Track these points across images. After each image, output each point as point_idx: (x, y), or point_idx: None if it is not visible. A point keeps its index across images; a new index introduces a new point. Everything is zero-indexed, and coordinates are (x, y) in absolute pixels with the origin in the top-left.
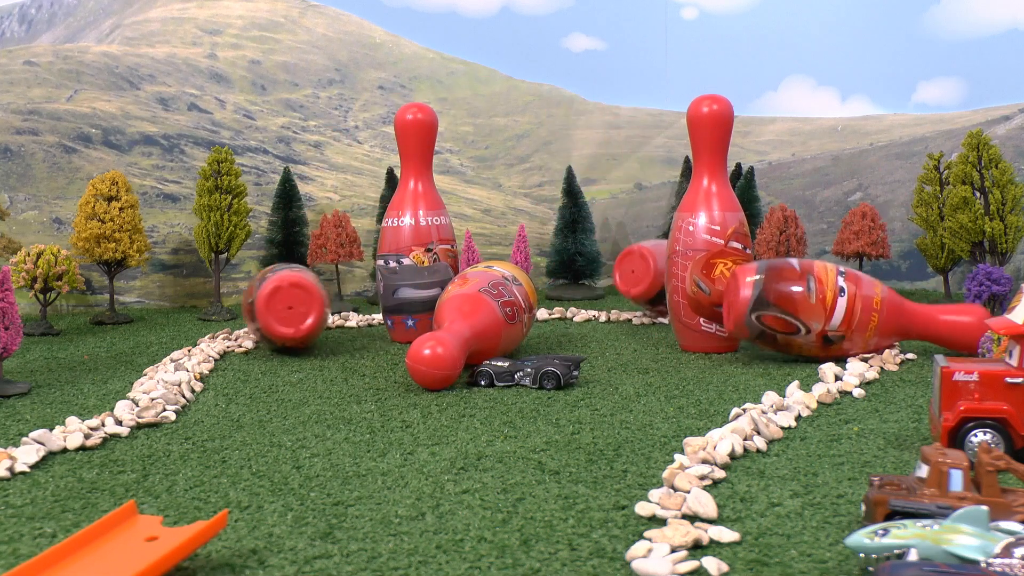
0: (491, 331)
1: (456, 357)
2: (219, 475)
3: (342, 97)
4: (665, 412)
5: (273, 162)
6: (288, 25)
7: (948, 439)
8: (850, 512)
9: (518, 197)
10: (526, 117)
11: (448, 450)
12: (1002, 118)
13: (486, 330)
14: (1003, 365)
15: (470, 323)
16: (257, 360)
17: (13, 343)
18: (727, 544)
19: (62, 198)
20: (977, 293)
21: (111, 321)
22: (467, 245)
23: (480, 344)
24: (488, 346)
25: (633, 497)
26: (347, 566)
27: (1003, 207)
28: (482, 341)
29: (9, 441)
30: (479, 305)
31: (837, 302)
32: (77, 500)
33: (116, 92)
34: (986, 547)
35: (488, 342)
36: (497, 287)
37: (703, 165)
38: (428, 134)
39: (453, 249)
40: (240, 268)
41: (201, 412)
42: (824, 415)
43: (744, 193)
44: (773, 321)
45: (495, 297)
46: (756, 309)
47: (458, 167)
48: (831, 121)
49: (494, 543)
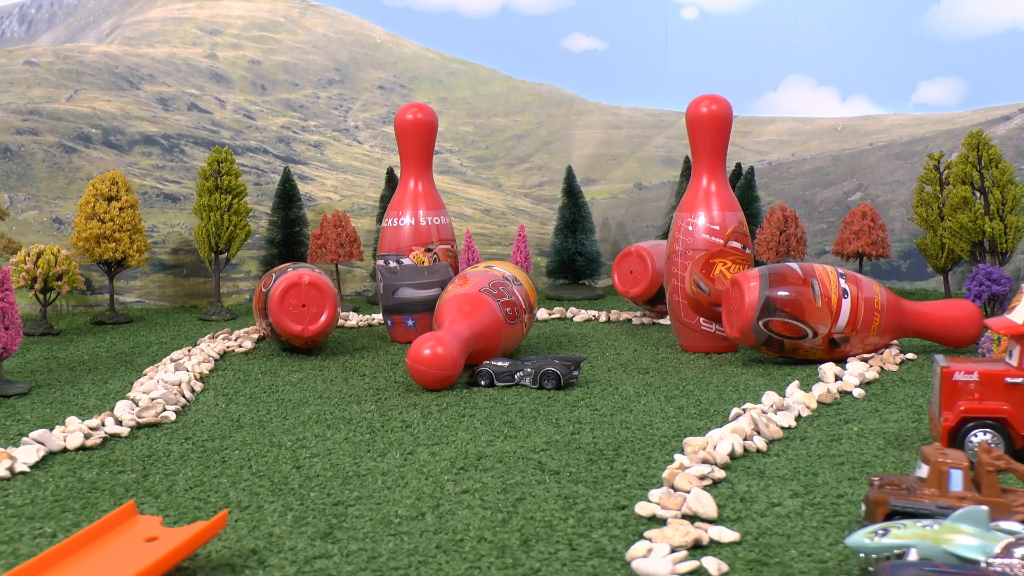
0: (491, 331)
1: (456, 357)
2: (219, 475)
3: (342, 97)
4: (665, 412)
5: (273, 162)
6: (288, 25)
7: (948, 439)
8: (850, 512)
9: (518, 197)
10: (526, 117)
11: (448, 450)
12: (1002, 118)
13: (486, 330)
14: (1003, 365)
15: (470, 323)
16: (257, 360)
17: (13, 343)
18: (727, 544)
19: (62, 198)
20: (977, 293)
21: (111, 321)
22: (467, 245)
23: (480, 344)
24: (488, 346)
25: (633, 497)
26: (347, 566)
27: (1003, 207)
28: (482, 341)
29: (9, 441)
30: (479, 305)
31: (841, 304)
32: (77, 500)
33: (116, 92)
34: (986, 547)
35: (488, 342)
36: (497, 287)
37: (703, 165)
38: (428, 134)
39: (453, 249)
40: (240, 268)
41: (201, 412)
42: (824, 415)
43: (744, 193)
44: (781, 327)
45: (495, 297)
46: (763, 316)
47: (458, 167)
48: (831, 121)
49: (494, 543)
